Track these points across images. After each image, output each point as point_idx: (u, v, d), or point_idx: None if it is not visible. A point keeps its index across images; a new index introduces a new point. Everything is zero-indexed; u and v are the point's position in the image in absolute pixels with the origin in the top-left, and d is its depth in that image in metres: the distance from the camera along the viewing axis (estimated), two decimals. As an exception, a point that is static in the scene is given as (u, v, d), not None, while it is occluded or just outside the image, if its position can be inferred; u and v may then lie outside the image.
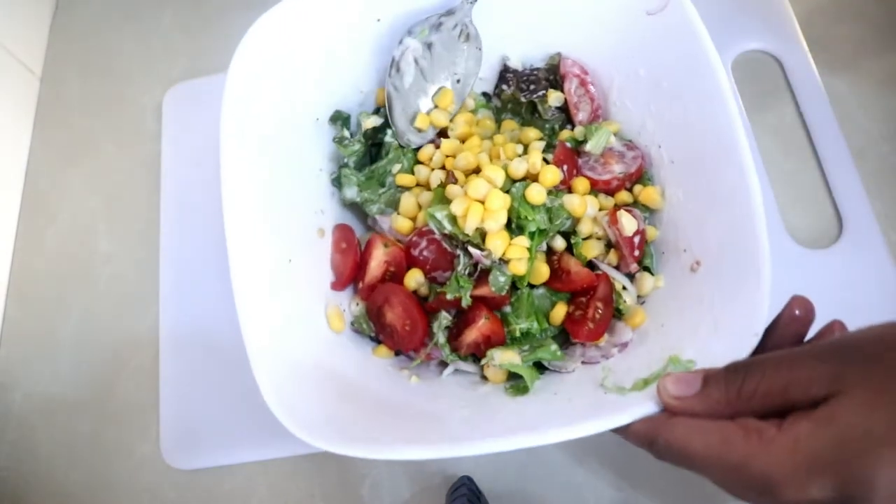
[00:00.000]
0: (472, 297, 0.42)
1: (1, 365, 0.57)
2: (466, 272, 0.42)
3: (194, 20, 0.69)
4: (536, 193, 0.41)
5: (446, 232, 0.43)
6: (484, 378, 0.43)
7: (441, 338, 0.43)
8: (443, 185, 0.45)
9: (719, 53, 0.39)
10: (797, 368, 0.25)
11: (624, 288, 0.43)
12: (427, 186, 0.47)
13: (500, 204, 0.40)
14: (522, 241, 0.41)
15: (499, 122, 0.51)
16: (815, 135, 0.54)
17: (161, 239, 0.58)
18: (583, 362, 0.42)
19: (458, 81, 0.49)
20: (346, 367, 0.42)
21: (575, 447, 0.47)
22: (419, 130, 0.49)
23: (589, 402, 0.36)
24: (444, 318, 0.43)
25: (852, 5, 0.59)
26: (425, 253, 0.44)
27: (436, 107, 0.49)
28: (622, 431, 0.31)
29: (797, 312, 0.31)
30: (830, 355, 0.25)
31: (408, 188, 0.48)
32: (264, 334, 0.37)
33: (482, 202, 0.41)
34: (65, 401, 0.55)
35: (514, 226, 0.42)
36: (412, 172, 0.48)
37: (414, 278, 0.44)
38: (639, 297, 0.44)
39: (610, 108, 0.48)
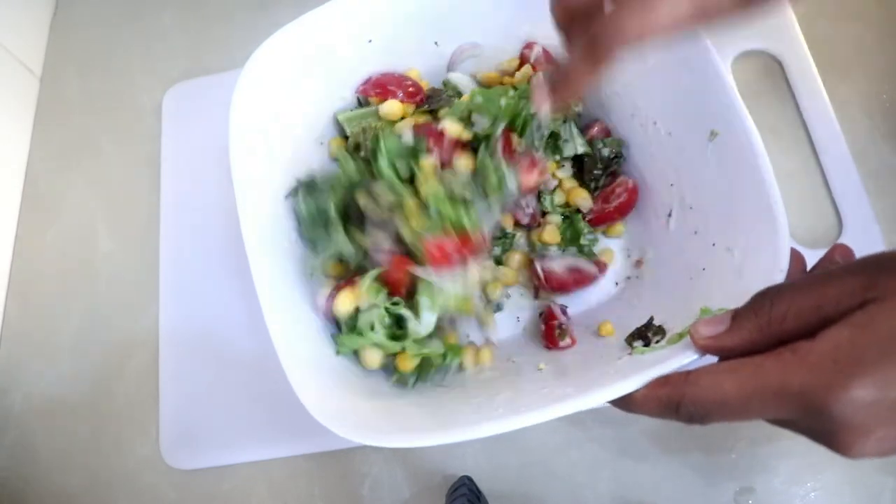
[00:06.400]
0: None
1: (1, 365, 0.57)
2: None
3: (194, 20, 0.69)
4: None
5: None
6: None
7: None
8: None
9: (719, 53, 0.39)
10: (829, 286, 0.24)
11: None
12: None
13: None
14: None
15: None
16: (815, 135, 0.54)
17: (161, 239, 0.58)
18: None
19: None
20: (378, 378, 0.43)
21: (575, 447, 0.47)
22: None
23: (628, 364, 0.36)
24: None
25: (852, 5, 0.59)
26: None
27: None
28: (644, 407, 0.29)
29: (838, 260, 0.30)
30: (862, 268, 0.24)
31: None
32: (291, 338, 0.38)
33: None
34: (65, 401, 0.55)
35: None
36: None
37: None
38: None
39: (601, 99, 0.50)
